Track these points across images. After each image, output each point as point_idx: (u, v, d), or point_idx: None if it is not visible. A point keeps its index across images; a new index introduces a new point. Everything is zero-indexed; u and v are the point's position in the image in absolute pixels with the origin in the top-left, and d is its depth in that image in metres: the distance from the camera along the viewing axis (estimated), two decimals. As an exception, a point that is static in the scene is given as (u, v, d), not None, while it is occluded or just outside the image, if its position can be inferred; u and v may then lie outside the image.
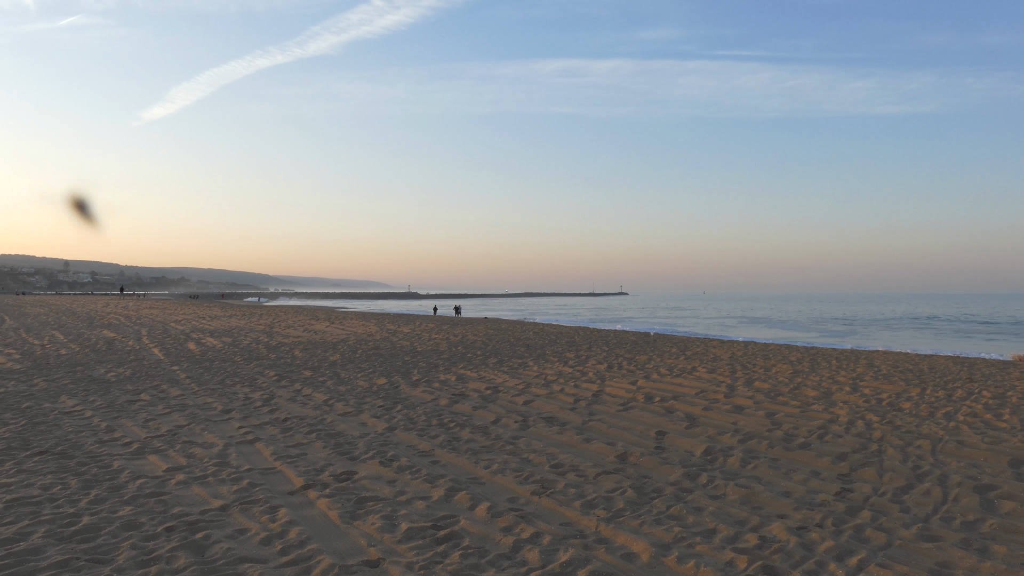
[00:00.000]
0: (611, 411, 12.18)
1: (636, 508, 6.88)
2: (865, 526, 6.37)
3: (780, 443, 9.68)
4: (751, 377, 16.65)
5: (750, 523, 6.47)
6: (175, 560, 5.37)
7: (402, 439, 9.88)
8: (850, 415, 11.71)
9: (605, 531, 6.22)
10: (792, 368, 18.78)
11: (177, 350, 22.33)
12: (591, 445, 9.56)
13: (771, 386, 15.10)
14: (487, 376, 16.77)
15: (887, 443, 9.68)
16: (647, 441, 9.88)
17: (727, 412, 12.04)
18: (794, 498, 7.24)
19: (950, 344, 39.85)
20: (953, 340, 44.33)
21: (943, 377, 17.02)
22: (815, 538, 6.04)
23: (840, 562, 5.52)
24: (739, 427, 10.79)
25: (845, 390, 14.59)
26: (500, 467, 8.32)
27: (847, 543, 5.93)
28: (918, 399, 13.44)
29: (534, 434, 10.33)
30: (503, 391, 14.37)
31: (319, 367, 18.28)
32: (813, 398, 13.58)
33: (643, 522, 6.43)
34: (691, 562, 5.45)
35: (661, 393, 14.08)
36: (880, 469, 8.31)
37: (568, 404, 12.86)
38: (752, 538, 6.02)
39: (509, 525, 6.31)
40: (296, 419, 11.19)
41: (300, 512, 6.62)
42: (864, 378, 16.58)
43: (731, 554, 5.63)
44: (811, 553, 5.71)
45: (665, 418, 11.52)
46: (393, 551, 5.66)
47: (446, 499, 7.09)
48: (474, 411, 12.11)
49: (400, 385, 15.17)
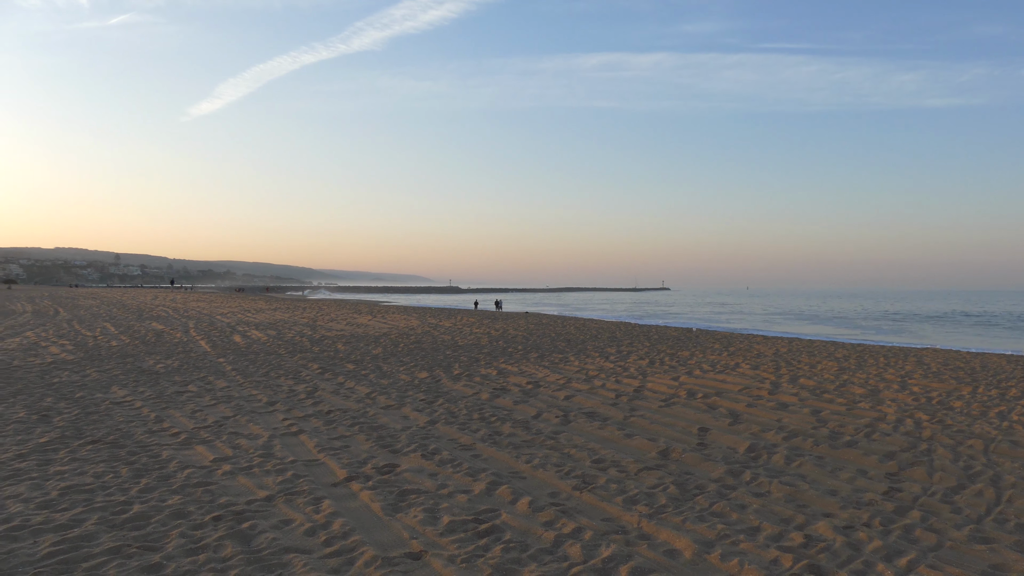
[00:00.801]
0: (653, 407, 12.10)
1: (678, 504, 6.82)
2: (915, 526, 6.22)
3: (826, 441, 9.50)
4: (796, 374, 16.38)
5: (795, 521, 6.38)
6: (222, 549, 5.48)
7: (443, 432, 9.94)
8: (898, 413, 11.45)
9: (647, 527, 6.18)
10: (838, 365, 18.43)
11: (223, 342, 22.79)
12: (632, 441, 9.51)
13: (816, 383, 14.84)
14: (528, 371, 16.79)
15: (937, 442, 9.44)
16: (689, 437, 9.78)
17: (771, 409, 11.86)
18: (840, 497, 7.11)
19: (1004, 342, 38.68)
20: (1007, 338, 43.03)
21: (996, 376, 16.53)
22: (862, 538, 5.92)
23: (889, 562, 5.40)
24: (783, 424, 10.63)
25: (893, 388, 14.27)
26: (541, 462, 8.33)
27: (896, 543, 5.80)
28: (970, 398, 13.09)
29: (575, 429, 10.31)
30: (544, 386, 14.37)
31: (362, 360, 18.49)
32: (860, 396, 13.31)
33: (685, 519, 6.37)
34: (735, 560, 5.39)
35: (704, 389, 13.94)
36: (930, 469, 8.12)
37: (609, 399, 12.81)
38: (797, 536, 5.93)
39: (550, 520, 6.31)
40: (339, 412, 11.34)
41: (343, 504, 6.71)
42: (913, 376, 16.19)
43: (776, 552, 5.55)
44: (858, 553, 5.60)
45: (708, 414, 11.40)
46: (435, 544, 5.70)
47: (487, 493, 7.12)
48: (515, 405, 12.13)
49: (441, 379, 15.26)
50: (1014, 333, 48.07)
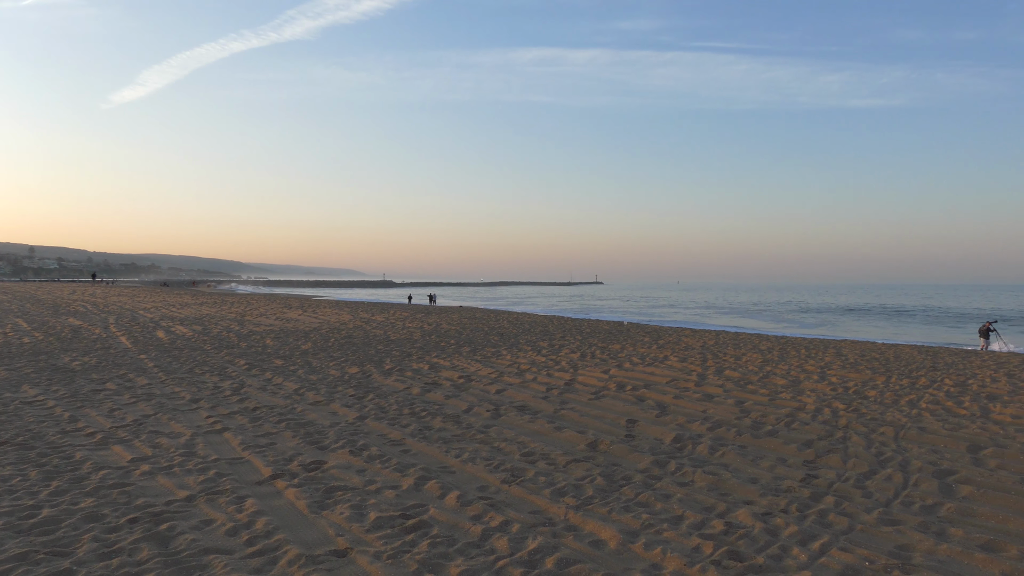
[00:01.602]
0: (583, 400, 12.24)
1: (605, 495, 6.92)
2: (828, 511, 6.47)
3: (748, 431, 9.79)
4: (722, 366, 16.81)
5: (717, 509, 6.55)
6: (138, 552, 5.31)
7: (373, 428, 9.84)
8: (817, 403, 11.88)
9: (574, 518, 6.25)
10: (762, 357, 18.99)
11: (145, 338, 22.04)
12: (562, 433, 9.60)
13: (741, 375, 15.26)
14: (460, 365, 16.76)
15: (852, 430, 9.83)
16: (618, 429, 9.94)
17: (697, 400, 12.15)
18: (761, 484, 7.33)
19: (917, 334, 40.52)
20: (920, 329, 45.10)
21: (908, 365, 17.31)
22: (780, 524, 6.13)
23: (803, 547, 5.60)
24: (709, 415, 10.89)
25: (813, 378, 14.79)
26: (471, 456, 8.33)
27: (811, 528, 6.02)
28: (883, 387, 13.67)
29: (506, 423, 10.35)
30: (476, 380, 14.37)
31: (291, 356, 18.14)
32: (782, 386, 13.75)
33: (612, 509, 6.47)
34: (658, 548, 5.50)
35: (633, 382, 14.17)
36: (844, 455, 8.45)
37: (541, 393, 12.90)
38: (719, 524, 6.09)
39: (479, 514, 6.32)
40: (266, 408, 11.10)
41: (268, 502, 6.58)
42: (832, 367, 16.81)
43: (697, 540, 5.69)
44: (776, 538, 5.80)
45: (636, 406, 11.60)
46: (361, 540, 5.64)
47: (416, 488, 7.08)
48: (446, 400, 12.10)
49: (372, 374, 15.11)
50: (927, 325, 50.42)
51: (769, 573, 5.11)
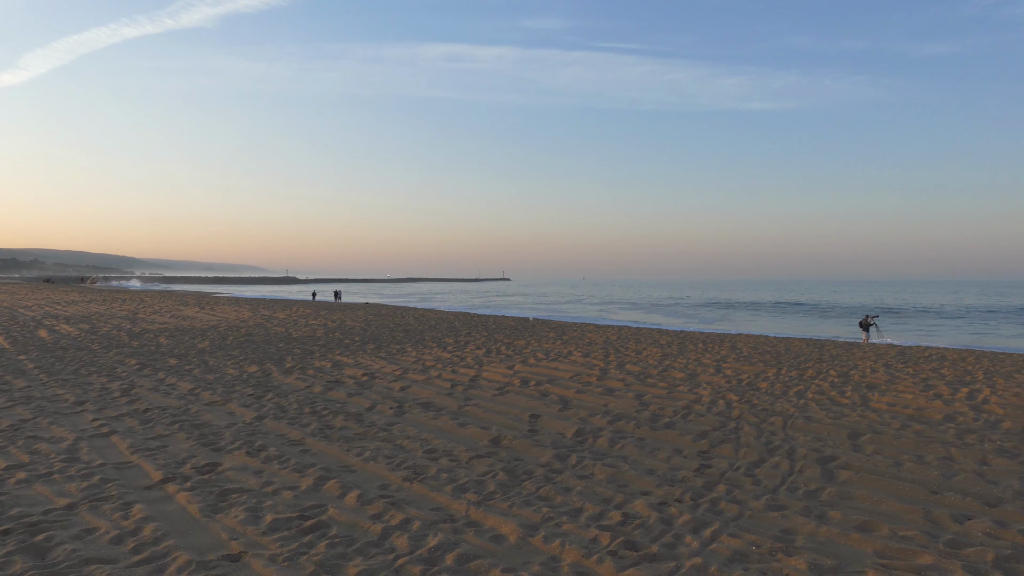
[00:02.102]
0: (487, 396, 12.29)
1: (507, 491, 6.98)
2: (720, 499, 6.73)
3: (647, 423, 10.07)
4: (623, 360, 17.22)
5: (615, 501, 6.70)
6: (11, 565, 4.99)
7: (272, 428, 9.59)
8: (712, 395, 12.33)
9: (475, 514, 6.28)
10: (662, 351, 19.56)
11: (26, 338, 20.71)
12: (466, 430, 9.61)
13: (641, 369, 15.67)
14: (364, 362, 16.53)
15: (744, 420, 10.26)
16: (521, 424, 10.03)
17: (599, 394, 12.40)
18: (657, 475, 7.56)
19: (806, 328, 42.62)
20: (809, 323, 47.46)
21: (797, 358, 18.21)
22: (674, 513, 6.33)
23: (696, 534, 5.81)
24: (610, 409, 11.14)
25: (709, 371, 15.35)
26: (373, 454, 8.23)
27: (703, 516, 6.25)
28: (774, 379, 14.33)
29: (409, 420, 10.27)
30: (380, 377, 14.21)
31: (186, 355, 17.44)
32: (680, 379, 14.20)
33: (512, 504, 6.53)
34: (556, 541, 5.59)
35: (537, 377, 14.33)
36: (736, 445, 8.81)
37: (445, 389, 12.87)
38: (616, 515, 6.24)
39: (379, 512, 6.25)
40: (158, 410, 10.63)
41: (157, 507, 6.31)
42: (727, 360, 17.49)
43: (595, 531, 5.81)
44: (670, 527, 5.99)
45: (540, 401, 11.74)
46: (256, 543, 5.49)
47: (315, 488, 6.94)
48: (349, 398, 11.91)
49: (272, 372, 14.70)
50: (817, 319, 53.11)
51: (663, 561, 5.27)
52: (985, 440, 9.16)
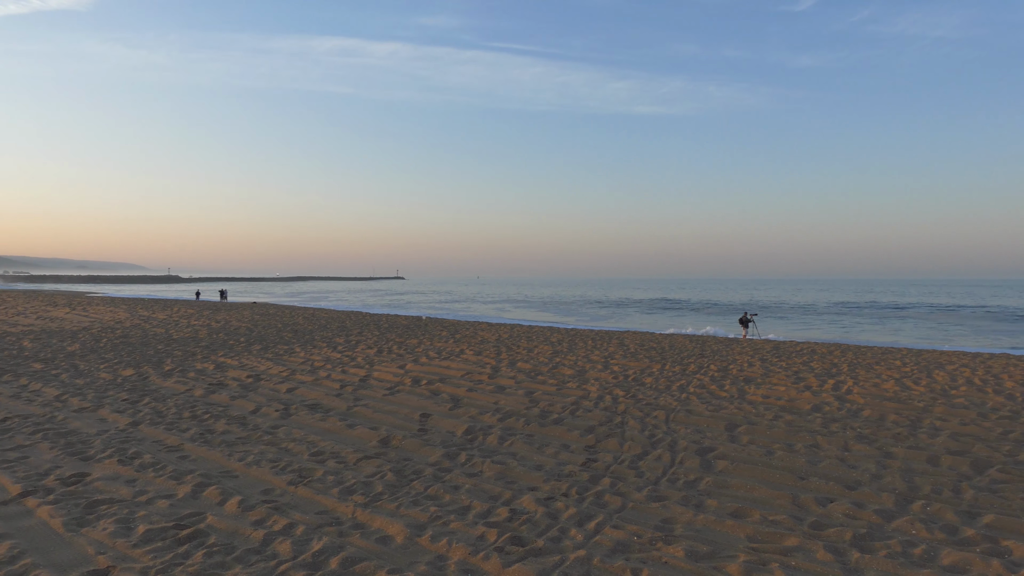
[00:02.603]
0: (377, 396, 12.14)
1: (395, 491, 6.91)
2: (605, 492, 6.91)
3: (536, 420, 10.21)
4: (515, 358, 17.39)
5: (503, 497, 6.77)
6: None
7: (147, 434, 9.12)
8: (600, 391, 12.64)
9: (362, 516, 6.19)
10: (552, 349, 19.88)
11: None
12: (354, 431, 9.46)
13: (532, 366, 15.88)
14: (249, 364, 15.98)
15: (629, 415, 10.58)
16: (411, 424, 9.96)
17: (490, 392, 12.48)
18: (545, 471, 7.68)
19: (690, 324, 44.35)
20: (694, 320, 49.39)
21: (680, 353, 18.92)
22: (560, 507, 6.45)
23: (580, 527, 5.94)
24: (500, 406, 11.23)
25: (597, 368, 15.73)
26: (256, 458, 7.97)
27: (588, 509, 6.40)
28: (658, 374, 14.84)
29: (296, 422, 10.01)
30: (266, 379, 13.78)
31: (53, 359, 16.34)
32: (569, 376, 14.48)
33: (400, 504, 6.48)
34: (444, 540, 5.58)
35: (428, 376, 14.27)
36: (622, 439, 9.07)
37: (334, 390, 12.62)
38: (503, 512, 6.29)
39: (261, 518, 6.07)
40: (19, 418, 9.92)
41: (14, 523, 5.88)
42: (615, 356, 17.97)
43: (483, 528, 5.85)
44: (556, 521, 6.10)
45: (430, 400, 11.69)
46: (127, 556, 5.21)
47: (193, 496, 6.66)
48: (232, 401, 11.49)
49: (150, 376, 13.99)
50: (700, 316, 55.34)
51: (548, 555, 5.36)
52: (847, 428, 9.81)
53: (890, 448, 8.64)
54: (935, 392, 12.76)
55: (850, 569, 5.16)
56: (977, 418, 10.52)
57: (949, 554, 5.37)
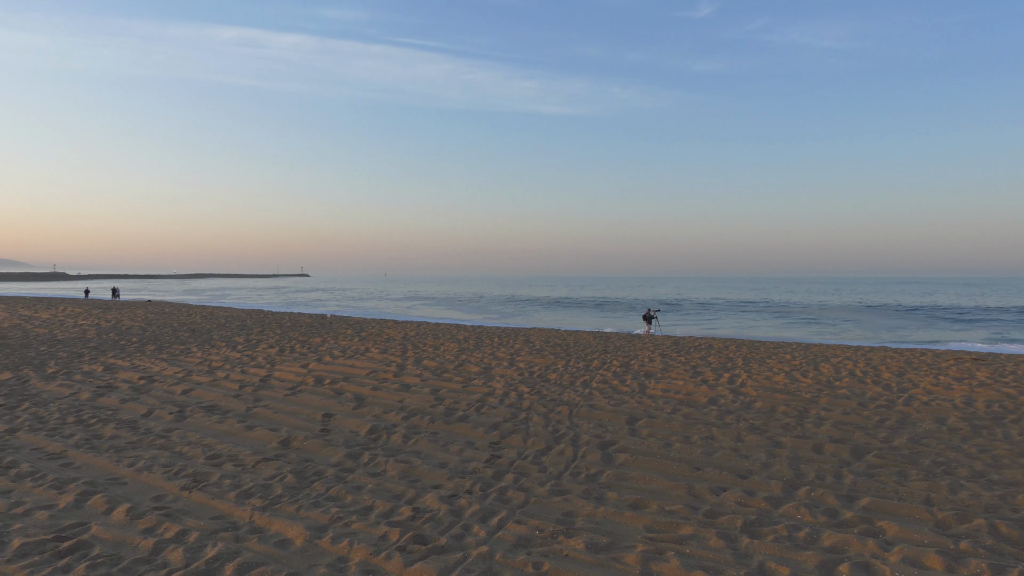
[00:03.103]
0: (279, 396, 11.84)
1: (295, 493, 6.76)
2: (508, 488, 6.97)
3: (441, 417, 10.19)
4: (421, 356, 17.29)
5: (406, 496, 6.73)
6: None
7: (26, 441, 8.59)
8: (505, 387, 12.74)
9: (259, 520, 6.02)
10: (459, 346, 19.88)
11: None
12: (253, 432, 9.20)
13: (438, 364, 15.83)
14: (142, 365, 15.28)
15: (534, 411, 10.70)
16: (313, 424, 9.76)
17: (395, 391, 12.37)
18: (449, 468, 7.68)
19: (592, 322, 45.22)
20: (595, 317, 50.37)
21: (584, 349, 19.28)
22: (464, 504, 6.46)
23: (483, 523, 5.98)
24: (405, 404, 11.15)
25: (503, 365, 15.83)
26: (147, 463, 7.63)
27: (491, 505, 6.44)
28: (563, 370, 15.07)
29: (191, 425, 9.65)
30: (160, 380, 13.20)
31: (-81, 362, 15.15)
32: (475, 373, 14.52)
33: (300, 506, 6.35)
34: (345, 541, 5.50)
35: (332, 375, 14.02)
36: (526, 435, 9.16)
37: (233, 391, 12.23)
38: (406, 511, 6.26)
39: (151, 526, 5.81)
40: None
41: None
42: (521, 353, 18.13)
43: (385, 528, 5.80)
44: (459, 518, 6.11)
45: (334, 400, 11.49)
46: (1, 573, 4.89)
47: (76, 505, 6.32)
48: (122, 404, 10.96)
49: (30, 379, 13.17)
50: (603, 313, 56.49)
51: (450, 552, 5.37)
52: (740, 419, 10.24)
53: (779, 438, 9.07)
54: (821, 384, 13.48)
55: (740, 554, 5.39)
56: (858, 407, 11.17)
57: (830, 536, 5.69)
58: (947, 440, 9.07)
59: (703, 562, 5.23)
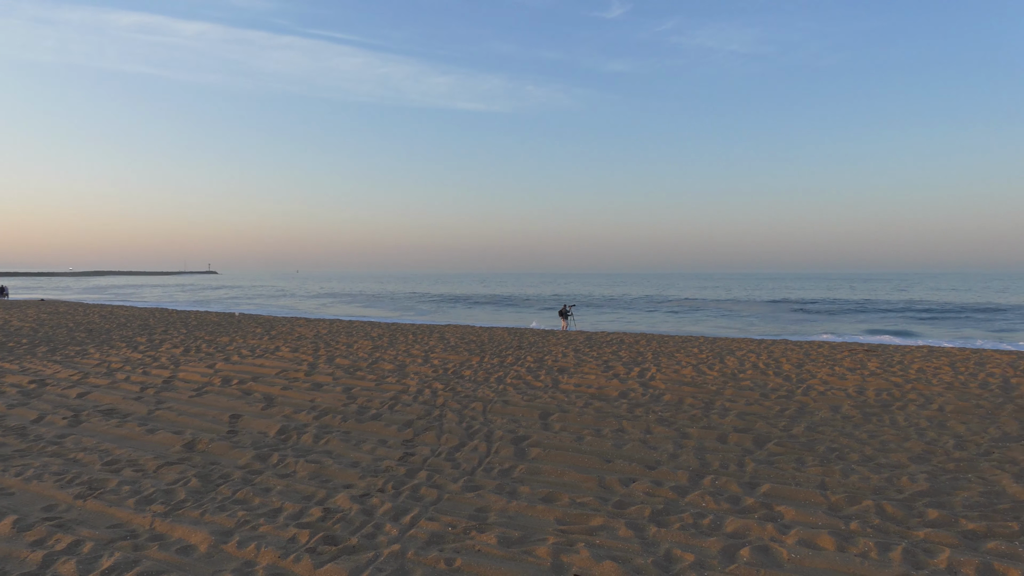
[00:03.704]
0: (183, 397, 11.41)
1: (199, 497, 6.54)
2: (421, 485, 6.94)
3: (354, 416, 10.05)
4: (333, 354, 17.00)
5: (317, 497, 6.61)
6: None
7: (-99, 451, 8.00)
8: (419, 385, 12.66)
9: (161, 527, 5.80)
10: (373, 344, 19.64)
11: None
12: (156, 436, 8.84)
13: (351, 362, 15.60)
14: (32, 368, 14.45)
15: (448, 408, 10.68)
16: (219, 426, 9.46)
17: (306, 390, 12.12)
18: (361, 467, 7.58)
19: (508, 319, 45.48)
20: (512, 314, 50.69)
21: (499, 346, 19.37)
22: (376, 503, 6.40)
23: (395, 522, 5.93)
24: (316, 404, 10.94)
25: (418, 362, 15.73)
26: (37, 472, 7.23)
27: (403, 503, 6.39)
28: (477, 366, 15.10)
29: (87, 430, 9.19)
30: (52, 383, 12.51)
31: None
32: (389, 371, 14.38)
33: (205, 511, 6.14)
34: (252, 545, 5.36)
35: (240, 375, 13.61)
36: (439, 432, 9.14)
37: (133, 393, 11.72)
38: (317, 511, 6.14)
39: (41, 538, 5.51)
40: None
41: None
42: (435, 350, 18.06)
43: (294, 530, 5.68)
44: (371, 517, 6.04)
45: (242, 400, 11.17)
46: None
47: (-42, 518, 5.92)
48: (10, 410, 10.34)
49: (-94, 385, 12.26)
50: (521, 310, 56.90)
51: (362, 552, 5.31)
52: (650, 412, 10.51)
53: (686, 429, 9.35)
54: (726, 376, 13.97)
55: (648, 543, 5.53)
56: (760, 398, 11.64)
57: (732, 522, 5.91)
58: (840, 427, 9.55)
59: (612, 552, 5.35)
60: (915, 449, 8.42)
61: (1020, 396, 11.77)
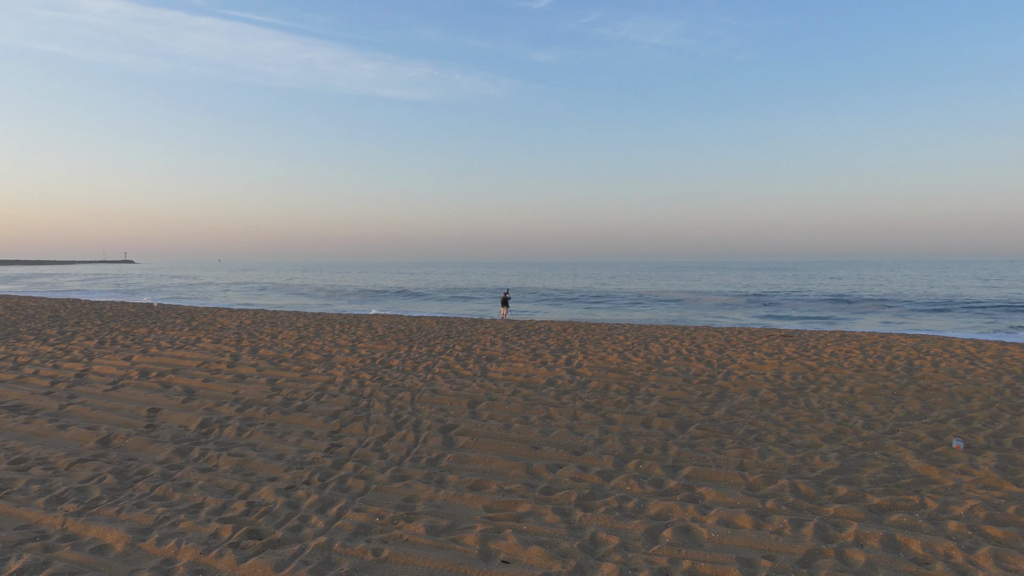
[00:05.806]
0: (97, 392, 10.98)
1: (115, 495, 6.33)
2: (348, 476, 6.88)
3: (279, 408, 9.86)
4: (257, 345, 16.63)
5: (240, 491, 6.47)
6: None
7: None
8: (346, 375, 12.51)
9: (74, 526, 5.59)
10: (298, 334, 19.29)
11: None
12: (67, 432, 8.49)
13: (276, 353, 15.29)
14: (-69, 363, 13.65)
15: (375, 398, 10.60)
16: (137, 420, 9.15)
17: (229, 382, 11.82)
18: (286, 460, 7.46)
19: (438, 307, 45.33)
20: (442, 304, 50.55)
21: (427, 335, 19.30)
22: (301, 495, 6.31)
23: (322, 514, 5.87)
24: (239, 396, 10.69)
25: (345, 352, 15.54)
26: (-62, 472, 6.86)
27: (330, 495, 6.33)
28: (405, 356, 15.01)
29: (-8, 427, 8.75)
30: (-47, 380, 11.86)
31: None
32: (315, 362, 14.15)
33: (121, 509, 5.94)
34: (172, 542, 5.22)
35: (159, 367, 13.18)
36: (367, 422, 9.06)
37: (43, 388, 11.21)
38: (240, 505, 6.02)
39: (-58, 540, 5.24)
40: None
41: None
42: (363, 340, 17.87)
43: (216, 525, 5.55)
44: (296, 510, 5.96)
45: (160, 394, 10.82)
46: None
47: None
48: (-94, 407, 9.75)
49: None
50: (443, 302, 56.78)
51: (287, 545, 5.23)
52: (576, 399, 10.67)
53: (612, 415, 9.53)
54: (651, 362, 14.28)
55: (574, 527, 5.63)
56: (683, 383, 11.95)
57: (655, 504, 6.07)
58: (759, 410, 9.91)
59: (539, 537, 5.43)
60: (827, 429, 8.81)
61: (922, 377, 12.43)
